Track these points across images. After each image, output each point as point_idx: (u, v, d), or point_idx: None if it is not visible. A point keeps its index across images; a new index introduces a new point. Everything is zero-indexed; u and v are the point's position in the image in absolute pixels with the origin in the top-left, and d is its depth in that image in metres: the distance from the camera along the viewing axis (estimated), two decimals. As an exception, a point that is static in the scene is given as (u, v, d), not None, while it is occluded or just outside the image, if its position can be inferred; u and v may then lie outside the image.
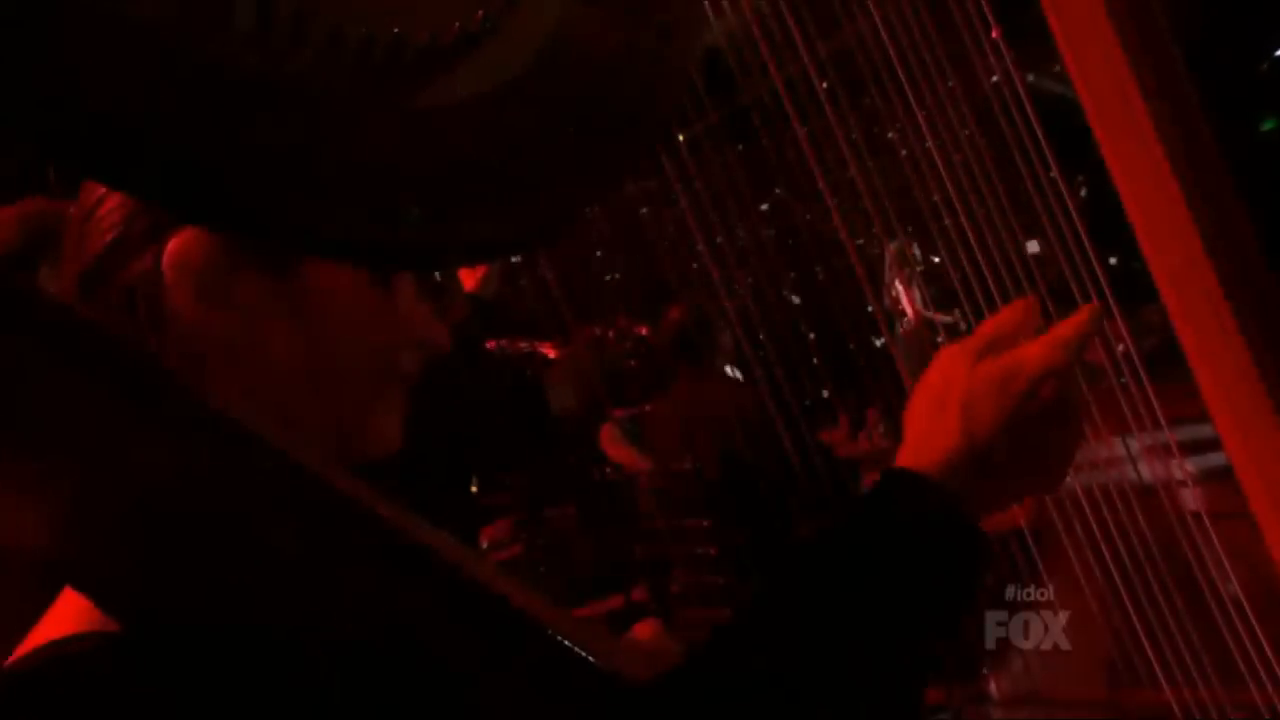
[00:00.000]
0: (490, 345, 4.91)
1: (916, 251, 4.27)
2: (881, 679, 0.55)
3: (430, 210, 0.51)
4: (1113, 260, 1.73)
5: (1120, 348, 1.90)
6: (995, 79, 1.59)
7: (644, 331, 4.92)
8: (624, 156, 0.58)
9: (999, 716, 1.89)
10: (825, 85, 1.64)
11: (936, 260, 4.35)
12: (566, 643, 0.52)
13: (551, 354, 4.76)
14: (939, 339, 4.03)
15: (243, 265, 0.57)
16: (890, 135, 1.76)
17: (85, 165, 0.47)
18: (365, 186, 0.50)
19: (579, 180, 0.56)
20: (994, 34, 1.62)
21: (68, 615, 0.52)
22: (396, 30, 0.50)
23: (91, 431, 0.48)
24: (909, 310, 4.60)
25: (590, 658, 0.52)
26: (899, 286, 4.52)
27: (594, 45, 0.56)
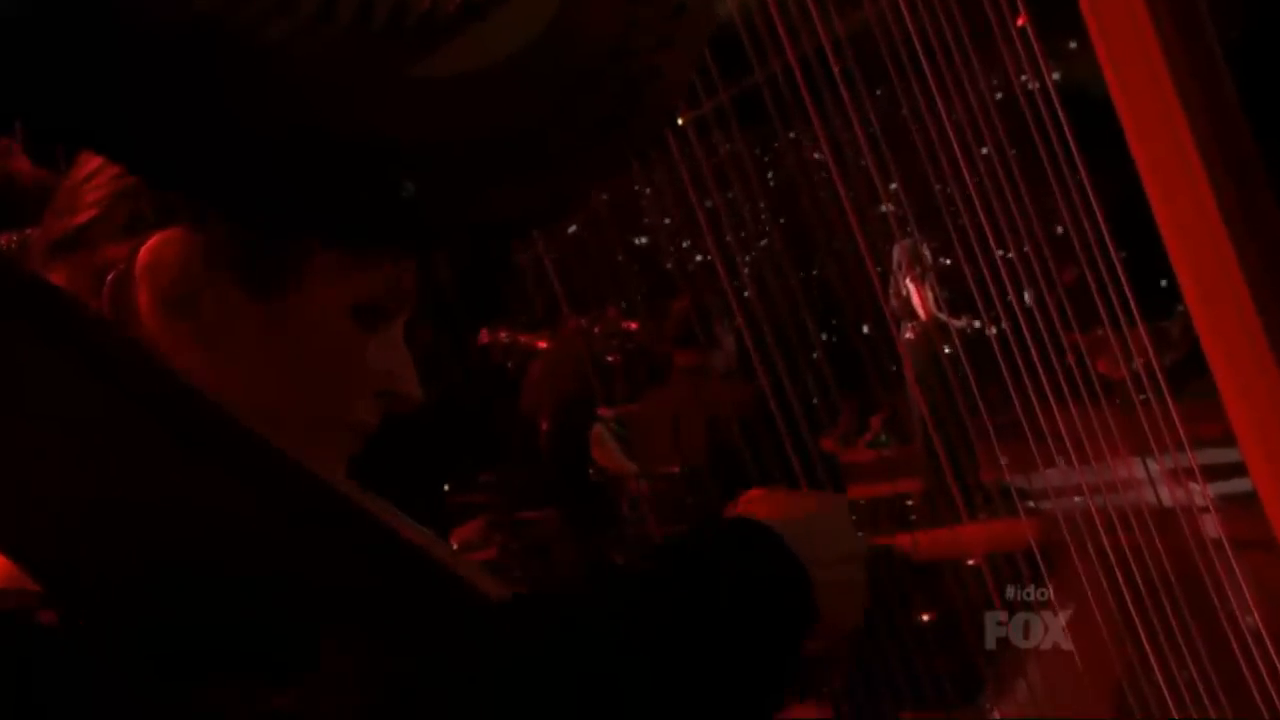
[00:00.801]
0: (484, 336, 4.92)
1: (927, 251, 4.27)
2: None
3: (425, 186, 0.51)
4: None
5: (1139, 361, 1.91)
6: (1022, 74, 1.60)
7: (632, 326, 4.91)
8: (631, 139, 0.59)
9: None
10: (839, 69, 1.65)
11: (948, 261, 4.36)
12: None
13: (541, 345, 4.76)
14: (947, 347, 4.03)
15: (220, 280, 0.57)
16: (906, 125, 1.76)
17: (61, 131, 0.47)
18: (358, 159, 0.50)
19: (582, 161, 0.57)
20: (1020, 21, 1.62)
21: None
22: (396, -5, 0.50)
23: (43, 390, 0.49)
24: (920, 311, 4.60)
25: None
26: (910, 286, 4.53)
27: (603, 22, 0.57)
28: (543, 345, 4.80)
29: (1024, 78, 1.60)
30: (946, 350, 3.88)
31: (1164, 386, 1.74)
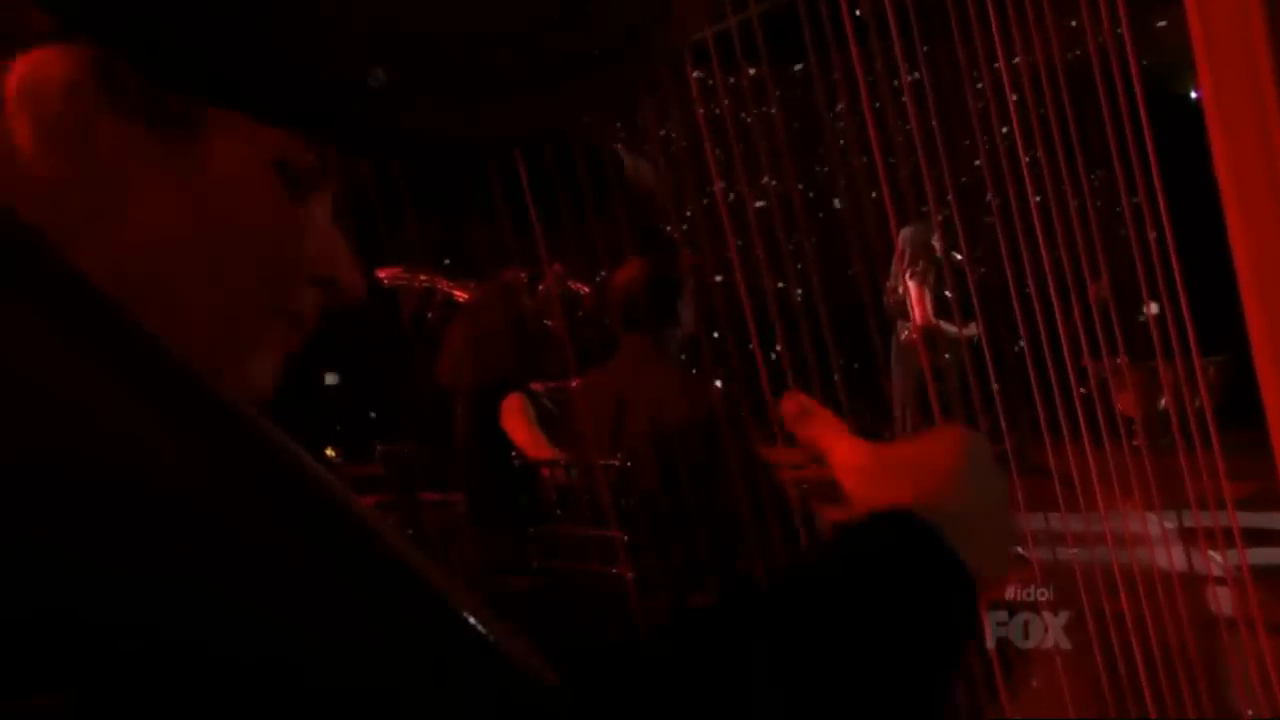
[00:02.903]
0: (382, 275, 4.83)
1: (937, 243, 4.27)
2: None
3: (398, 80, 0.50)
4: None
5: (1162, 402, 1.94)
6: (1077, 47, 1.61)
7: (584, 289, 4.88)
8: (647, 59, 0.58)
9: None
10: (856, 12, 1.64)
11: (959, 256, 4.39)
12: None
13: (461, 297, 4.70)
14: (946, 355, 4.08)
15: (118, 112, 0.55)
16: (948, 86, 1.77)
17: None
18: (319, 36, 0.49)
19: (590, 78, 0.56)
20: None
21: None
22: None
23: None
24: (916, 314, 4.61)
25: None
26: (909, 283, 4.52)
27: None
28: (463, 297, 4.73)
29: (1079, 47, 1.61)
30: (947, 357, 3.92)
31: (1193, 433, 1.77)
